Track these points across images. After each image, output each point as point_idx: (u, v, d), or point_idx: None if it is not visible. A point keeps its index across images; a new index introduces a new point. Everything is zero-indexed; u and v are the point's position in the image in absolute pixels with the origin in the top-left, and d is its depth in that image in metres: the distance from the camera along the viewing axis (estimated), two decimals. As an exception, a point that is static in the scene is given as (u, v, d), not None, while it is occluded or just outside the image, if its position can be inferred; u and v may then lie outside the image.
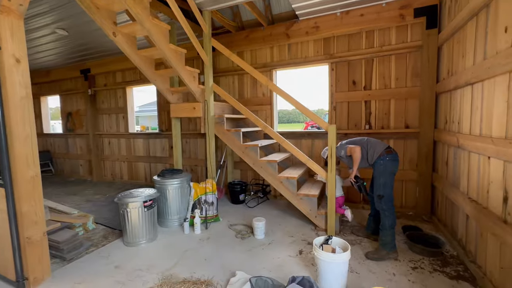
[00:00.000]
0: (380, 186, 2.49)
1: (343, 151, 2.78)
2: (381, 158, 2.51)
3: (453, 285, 2.04)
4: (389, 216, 2.45)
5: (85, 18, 3.82)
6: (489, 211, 1.91)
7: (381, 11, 3.40)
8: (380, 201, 2.49)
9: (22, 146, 2.02)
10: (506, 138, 1.72)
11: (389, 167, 2.49)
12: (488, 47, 1.98)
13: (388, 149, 2.54)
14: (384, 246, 2.43)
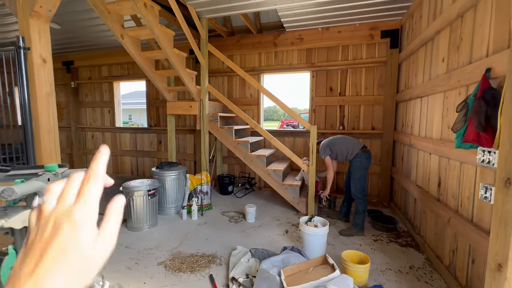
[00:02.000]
0: (356, 180, 3.05)
1: (323, 156, 3.24)
2: (358, 156, 3.06)
3: (403, 251, 2.68)
4: (362, 203, 3.04)
5: (78, 14, 3.91)
6: (429, 193, 2.57)
7: (355, 30, 4.02)
8: (356, 191, 3.06)
9: (47, 138, 2.24)
10: (441, 139, 2.36)
11: (364, 164, 3.06)
12: (432, 71, 2.63)
13: (364, 148, 3.11)
14: (356, 226, 3.03)
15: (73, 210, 0.29)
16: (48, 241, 0.27)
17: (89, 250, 0.28)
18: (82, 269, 0.27)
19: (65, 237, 0.27)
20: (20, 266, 0.26)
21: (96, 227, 0.30)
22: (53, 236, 0.27)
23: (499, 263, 1.25)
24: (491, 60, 1.62)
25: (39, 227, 0.28)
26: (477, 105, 1.55)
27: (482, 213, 1.71)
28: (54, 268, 0.25)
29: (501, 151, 1.25)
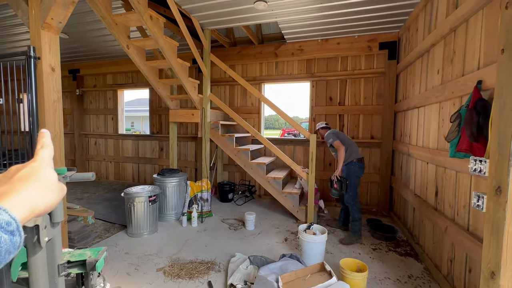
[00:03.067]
0: (348, 185, 3.11)
1: (331, 140, 3.23)
2: (353, 164, 3.13)
3: (402, 260, 2.68)
4: (356, 210, 3.07)
5: (86, 25, 4.06)
6: (427, 202, 2.59)
7: (354, 42, 4.13)
8: (349, 198, 3.10)
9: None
10: (437, 149, 2.40)
11: (356, 172, 3.13)
12: (428, 82, 2.70)
13: (359, 159, 3.18)
14: (354, 234, 3.05)
15: (35, 158, 0.39)
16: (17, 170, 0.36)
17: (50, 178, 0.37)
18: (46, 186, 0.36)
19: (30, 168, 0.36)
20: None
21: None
22: (21, 168, 0.36)
23: (492, 270, 1.27)
24: (482, 73, 1.69)
25: (8, 171, 0.37)
26: (469, 116, 1.60)
27: (477, 222, 1.74)
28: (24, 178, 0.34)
29: (492, 160, 1.30)
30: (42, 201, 0.35)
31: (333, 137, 3.25)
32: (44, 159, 0.39)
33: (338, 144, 3.18)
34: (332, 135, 3.28)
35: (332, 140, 3.23)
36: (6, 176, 0.36)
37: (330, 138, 3.26)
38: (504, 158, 1.20)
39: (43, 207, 0.35)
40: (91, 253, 0.98)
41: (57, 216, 0.78)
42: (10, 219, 0.30)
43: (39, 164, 0.38)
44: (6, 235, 0.29)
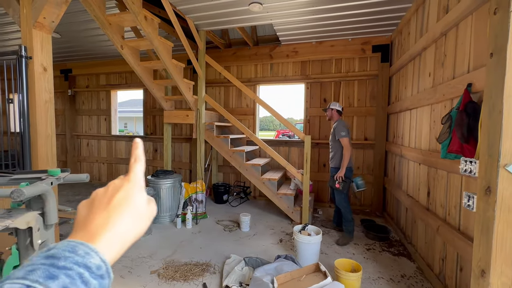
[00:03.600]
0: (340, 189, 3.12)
1: (344, 134, 3.06)
2: (348, 168, 3.12)
3: (395, 260, 2.71)
4: (348, 212, 3.10)
5: (79, 24, 4.00)
6: (419, 203, 2.63)
7: (348, 44, 4.18)
8: (341, 200, 3.12)
9: (43, 144, 2.27)
10: (429, 150, 2.45)
11: (347, 174, 3.12)
12: (420, 84, 2.75)
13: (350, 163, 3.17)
14: (348, 234, 3.08)
15: (130, 175, 0.37)
16: (113, 194, 0.34)
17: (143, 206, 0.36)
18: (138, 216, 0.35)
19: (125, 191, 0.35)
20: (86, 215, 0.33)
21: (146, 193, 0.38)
22: (117, 191, 0.35)
23: (482, 269, 1.30)
24: (472, 76, 1.73)
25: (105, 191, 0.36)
26: (459, 117, 1.64)
27: (468, 222, 1.78)
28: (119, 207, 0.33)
29: (481, 161, 1.33)
30: (133, 234, 0.34)
31: (347, 132, 3.10)
32: (138, 180, 0.37)
33: (348, 143, 3.07)
34: (346, 129, 3.12)
35: (344, 135, 3.07)
36: (105, 195, 0.35)
37: (343, 132, 3.08)
38: (493, 159, 1.24)
39: (133, 239, 0.35)
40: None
41: (50, 218, 0.77)
42: (101, 262, 0.29)
43: (134, 188, 0.36)
44: (96, 280, 0.28)
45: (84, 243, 0.29)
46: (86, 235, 0.31)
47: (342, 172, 3.09)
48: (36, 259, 0.27)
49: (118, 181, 0.37)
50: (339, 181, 3.09)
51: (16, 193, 0.64)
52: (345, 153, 3.07)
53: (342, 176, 3.08)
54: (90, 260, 0.28)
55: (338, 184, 3.09)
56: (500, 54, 1.21)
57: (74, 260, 0.27)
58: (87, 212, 0.34)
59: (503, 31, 1.19)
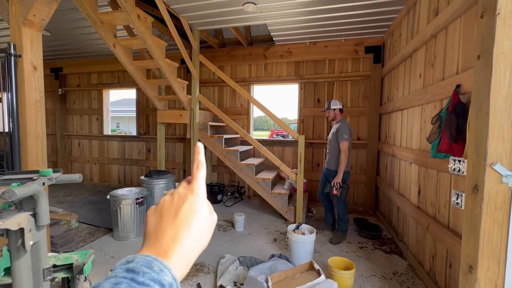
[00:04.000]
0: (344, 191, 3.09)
1: (346, 137, 2.98)
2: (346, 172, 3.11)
3: (387, 257, 2.76)
4: (346, 212, 3.14)
5: (70, 22, 3.93)
6: (410, 201, 2.69)
7: (341, 45, 4.23)
8: (339, 201, 3.12)
9: (34, 145, 2.22)
10: (420, 149, 2.50)
11: (345, 178, 3.13)
12: (411, 85, 2.81)
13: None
14: (343, 233, 3.12)
15: (193, 185, 0.38)
16: (179, 205, 0.36)
17: (206, 218, 0.36)
18: (202, 230, 0.35)
19: (189, 203, 0.36)
20: (156, 226, 0.34)
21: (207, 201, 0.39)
22: (182, 202, 0.36)
23: (470, 264, 1.34)
24: (460, 77, 1.78)
25: (171, 200, 0.37)
26: (448, 118, 1.68)
27: (457, 219, 1.83)
28: (186, 221, 0.34)
29: (469, 160, 1.37)
30: (197, 250, 0.35)
31: (349, 135, 3.03)
32: (202, 190, 0.38)
33: (347, 147, 2.99)
34: (350, 132, 3.05)
35: (347, 138, 2.99)
36: (172, 205, 0.36)
37: (346, 134, 3.00)
38: (480, 158, 1.28)
39: (197, 255, 0.35)
40: (78, 256, 0.95)
41: (42, 219, 0.76)
42: (172, 280, 0.29)
43: (197, 199, 0.37)
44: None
45: (158, 259, 0.30)
46: (159, 251, 0.32)
47: (339, 178, 3.02)
48: (118, 272, 0.28)
49: (182, 190, 0.38)
50: (337, 187, 3.03)
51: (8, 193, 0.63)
52: (343, 157, 2.99)
53: (339, 181, 3.03)
54: (164, 277, 0.29)
55: (336, 191, 3.03)
56: (486, 57, 1.25)
57: (151, 277, 0.28)
58: (157, 222, 0.35)
59: (490, 34, 1.23)
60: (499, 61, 1.21)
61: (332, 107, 3.19)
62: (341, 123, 3.14)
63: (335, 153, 3.15)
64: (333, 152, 3.17)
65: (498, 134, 1.22)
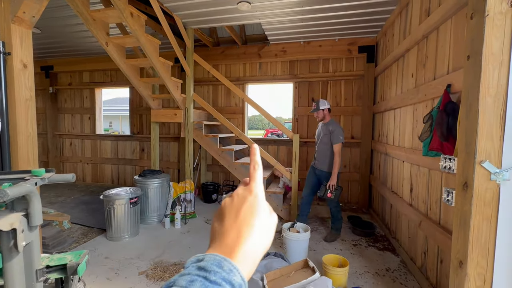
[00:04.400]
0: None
1: (342, 138, 2.96)
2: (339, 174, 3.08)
3: (380, 254, 2.80)
4: (339, 211, 3.14)
5: (61, 19, 3.86)
6: (403, 199, 2.73)
7: (335, 45, 4.26)
8: (332, 203, 3.07)
9: (24, 144, 2.18)
10: (412, 148, 2.54)
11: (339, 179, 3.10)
12: (403, 85, 2.85)
13: None
14: (337, 231, 3.15)
15: (251, 186, 0.39)
16: (239, 206, 0.37)
17: (266, 218, 0.36)
18: (263, 230, 0.35)
19: (249, 203, 0.37)
20: (220, 228, 0.35)
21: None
22: (242, 203, 0.37)
23: (460, 260, 1.38)
24: (451, 77, 1.82)
25: (231, 202, 0.38)
26: (439, 117, 1.72)
27: (447, 216, 1.87)
28: (247, 221, 0.35)
29: (459, 158, 1.40)
30: (261, 249, 0.35)
31: (342, 136, 2.99)
32: (260, 190, 0.38)
33: (340, 149, 2.96)
34: (342, 133, 3.02)
35: (342, 140, 2.96)
36: (232, 206, 0.37)
37: (341, 135, 2.97)
38: (470, 156, 1.31)
39: (262, 254, 0.35)
40: (72, 256, 0.94)
41: (35, 220, 0.75)
42: (241, 280, 0.29)
43: (256, 199, 0.37)
44: None
45: (227, 259, 0.30)
46: (225, 251, 0.32)
47: (334, 180, 2.97)
48: (191, 269, 0.29)
49: (241, 191, 0.38)
50: (331, 190, 2.97)
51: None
52: (337, 160, 2.94)
53: (334, 184, 2.98)
54: (234, 278, 0.29)
55: (330, 193, 2.97)
56: (476, 57, 1.28)
57: (222, 276, 0.28)
58: (220, 224, 0.36)
59: (479, 35, 1.26)
60: (488, 61, 1.24)
61: (321, 108, 3.09)
62: (334, 124, 3.07)
63: (327, 154, 3.07)
64: (325, 153, 3.09)
65: (487, 132, 1.25)
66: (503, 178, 1.24)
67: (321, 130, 3.18)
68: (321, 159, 3.13)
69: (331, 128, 3.03)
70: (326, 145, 3.07)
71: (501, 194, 1.27)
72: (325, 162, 3.10)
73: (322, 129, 3.15)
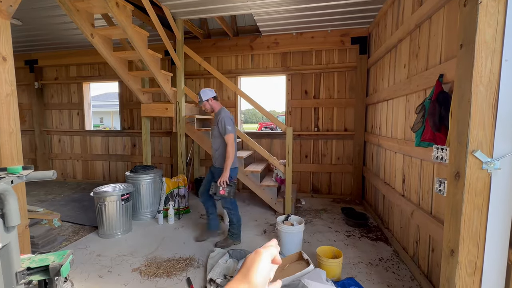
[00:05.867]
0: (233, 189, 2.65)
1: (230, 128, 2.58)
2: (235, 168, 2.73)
3: (373, 244, 2.84)
4: (235, 214, 2.74)
5: (42, 10, 3.68)
6: (395, 190, 2.76)
7: (327, 36, 4.21)
8: (226, 203, 2.70)
9: (7, 142, 2.09)
10: (404, 139, 2.55)
11: (233, 174, 2.71)
12: (396, 76, 2.84)
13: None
14: (232, 236, 2.76)
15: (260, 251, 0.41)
16: (250, 265, 0.39)
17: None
18: None
19: (255, 264, 0.39)
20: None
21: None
22: (253, 262, 0.39)
23: (451, 248, 1.39)
24: (443, 67, 1.80)
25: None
26: (432, 107, 1.71)
27: (439, 206, 1.89)
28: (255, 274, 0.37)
29: (451, 148, 1.40)
30: None
31: (233, 126, 2.62)
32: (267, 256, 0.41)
33: (233, 139, 2.60)
34: (233, 122, 2.66)
35: (231, 130, 2.59)
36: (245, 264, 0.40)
37: (230, 125, 2.59)
38: (462, 146, 1.30)
39: None
40: (54, 257, 0.90)
41: (12, 220, 0.71)
42: None
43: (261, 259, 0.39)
44: None
45: None
46: None
47: (226, 175, 2.56)
48: None
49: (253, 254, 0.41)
50: (223, 186, 2.57)
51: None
52: (230, 152, 2.56)
53: (226, 180, 2.58)
54: None
55: (223, 190, 2.57)
56: (469, 46, 1.27)
57: None
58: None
59: (472, 23, 1.24)
60: (480, 49, 1.22)
61: (204, 99, 2.71)
62: (221, 113, 2.68)
63: (222, 148, 2.69)
64: (219, 148, 2.70)
65: (479, 122, 1.25)
66: (495, 167, 1.25)
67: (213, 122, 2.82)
68: (215, 153, 2.75)
69: (219, 118, 2.65)
70: (218, 138, 2.69)
71: (492, 183, 1.27)
72: (220, 157, 2.70)
73: (214, 121, 2.78)
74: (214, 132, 2.73)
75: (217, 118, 2.67)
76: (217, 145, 2.71)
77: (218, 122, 2.64)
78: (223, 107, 2.79)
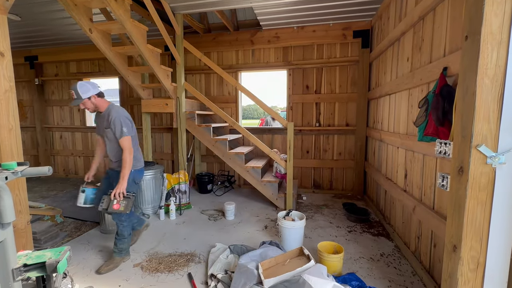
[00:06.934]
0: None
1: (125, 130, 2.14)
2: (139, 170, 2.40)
3: (375, 240, 2.83)
4: (127, 226, 2.29)
5: (41, 5, 3.65)
6: (397, 185, 2.74)
7: (329, 30, 4.15)
8: (127, 216, 2.25)
9: (7, 138, 2.08)
10: (406, 134, 2.52)
11: (137, 178, 2.36)
12: (398, 69, 2.79)
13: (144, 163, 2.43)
14: (120, 253, 2.31)
15: None
16: None
17: None
18: None
19: None
20: None
21: None
22: None
23: (454, 244, 1.37)
24: (447, 60, 1.76)
25: None
26: (435, 101, 1.68)
27: (442, 201, 1.86)
28: None
29: (455, 142, 1.37)
30: None
31: (130, 127, 2.20)
32: None
33: (129, 143, 2.17)
34: (130, 122, 2.23)
35: (127, 132, 2.15)
36: None
37: (125, 127, 2.15)
38: (466, 140, 1.28)
39: None
40: (51, 253, 0.90)
41: (6, 217, 0.70)
42: None
43: None
44: None
45: None
46: None
47: (122, 186, 2.12)
48: None
49: None
50: (118, 200, 2.11)
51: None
52: (127, 158, 2.13)
53: (123, 191, 2.13)
54: None
55: (118, 204, 2.10)
56: (474, 37, 1.23)
57: None
58: None
59: (478, 12, 1.20)
60: (486, 41, 1.18)
61: (84, 96, 2.09)
62: (112, 112, 2.17)
63: (118, 152, 2.26)
64: (115, 151, 2.29)
65: (484, 115, 1.22)
66: (499, 161, 1.22)
67: (99, 123, 2.31)
68: (114, 157, 2.34)
69: (110, 118, 2.15)
70: (114, 142, 2.23)
71: (496, 178, 1.25)
72: (117, 160, 2.31)
73: (100, 121, 2.28)
74: (108, 134, 2.22)
75: (108, 118, 2.17)
76: (113, 148, 2.27)
77: (110, 123, 2.15)
78: (112, 103, 2.27)
